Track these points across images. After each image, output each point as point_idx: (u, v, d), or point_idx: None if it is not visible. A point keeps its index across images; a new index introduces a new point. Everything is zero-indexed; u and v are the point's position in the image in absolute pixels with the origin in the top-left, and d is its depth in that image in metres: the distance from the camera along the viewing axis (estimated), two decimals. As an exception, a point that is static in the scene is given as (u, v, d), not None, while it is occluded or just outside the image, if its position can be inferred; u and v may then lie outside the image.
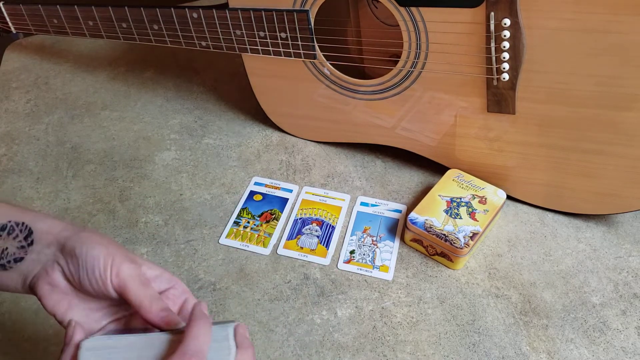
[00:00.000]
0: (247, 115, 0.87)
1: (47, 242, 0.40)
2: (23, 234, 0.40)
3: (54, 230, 0.41)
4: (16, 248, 0.40)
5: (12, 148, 0.82)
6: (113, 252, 0.39)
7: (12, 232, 0.40)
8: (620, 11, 0.52)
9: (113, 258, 0.39)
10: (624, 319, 0.59)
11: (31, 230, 0.40)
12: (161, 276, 0.43)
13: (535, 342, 0.57)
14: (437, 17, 0.59)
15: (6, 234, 0.40)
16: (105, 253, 0.39)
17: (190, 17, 0.71)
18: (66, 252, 0.39)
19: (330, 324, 0.59)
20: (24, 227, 0.41)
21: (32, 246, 0.40)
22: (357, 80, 0.70)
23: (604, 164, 0.62)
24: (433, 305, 0.61)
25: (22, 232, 0.40)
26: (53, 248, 0.40)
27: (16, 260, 0.40)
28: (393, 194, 0.74)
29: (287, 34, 0.68)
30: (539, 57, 0.58)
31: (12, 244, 0.40)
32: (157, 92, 0.93)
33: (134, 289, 0.39)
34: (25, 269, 0.40)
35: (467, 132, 0.68)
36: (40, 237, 0.40)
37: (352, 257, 0.66)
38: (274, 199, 0.73)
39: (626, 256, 0.65)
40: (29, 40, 1.05)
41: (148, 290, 0.39)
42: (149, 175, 0.77)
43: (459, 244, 0.62)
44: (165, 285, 0.43)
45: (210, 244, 0.68)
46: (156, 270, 0.42)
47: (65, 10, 0.78)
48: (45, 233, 0.40)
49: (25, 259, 0.40)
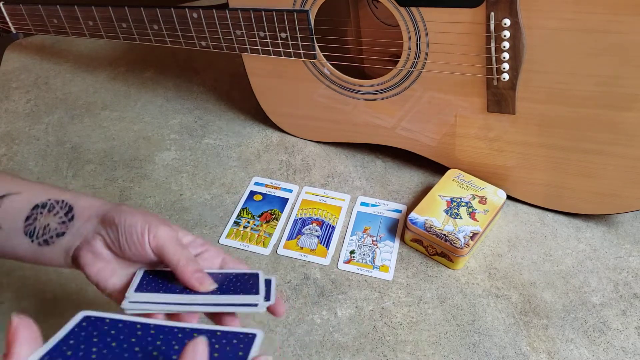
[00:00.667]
0: (247, 115, 0.87)
1: (87, 216, 0.42)
2: (64, 210, 0.42)
3: (94, 205, 0.43)
4: (57, 224, 0.42)
5: (12, 148, 0.82)
6: (150, 219, 0.42)
7: (53, 209, 0.42)
8: (620, 11, 0.52)
9: (150, 223, 0.41)
10: (624, 319, 0.59)
11: (71, 206, 0.43)
12: (195, 241, 0.45)
13: (535, 342, 0.57)
14: (437, 17, 0.59)
15: (47, 211, 0.42)
16: (142, 220, 0.41)
17: (190, 17, 0.71)
18: (106, 222, 0.41)
19: (331, 324, 0.59)
20: (64, 204, 0.43)
21: (73, 221, 0.42)
22: (357, 80, 0.70)
23: (604, 164, 0.62)
24: (433, 305, 0.61)
25: (62, 209, 0.42)
26: (94, 221, 0.42)
27: (58, 234, 0.42)
28: (393, 194, 0.74)
29: (287, 34, 0.68)
30: (539, 57, 0.58)
31: (53, 220, 0.42)
32: (157, 92, 0.93)
33: (171, 249, 0.41)
34: (67, 243, 0.42)
35: (467, 132, 0.68)
36: (80, 212, 0.42)
37: (352, 257, 0.66)
38: (274, 199, 0.73)
39: (626, 256, 0.65)
40: (29, 40, 1.05)
41: (185, 252, 0.41)
42: (149, 175, 0.77)
43: (459, 244, 0.62)
44: (199, 249, 0.45)
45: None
46: (190, 237, 0.45)
47: (65, 10, 0.78)
48: (86, 209, 0.43)
49: (66, 233, 0.42)
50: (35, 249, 0.42)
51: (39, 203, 0.42)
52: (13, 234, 0.42)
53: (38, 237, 0.42)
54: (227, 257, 0.46)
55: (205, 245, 0.46)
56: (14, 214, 0.42)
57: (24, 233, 0.42)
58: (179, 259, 0.41)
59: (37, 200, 0.43)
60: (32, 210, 0.42)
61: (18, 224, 0.42)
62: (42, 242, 0.42)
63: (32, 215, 0.42)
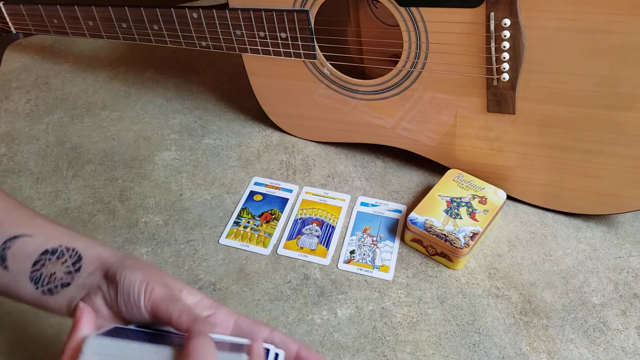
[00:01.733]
0: (247, 115, 0.87)
1: (93, 268, 0.41)
2: (72, 259, 0.41)
3: (102, 257, 0.41)
4: (64, 273, 0.41)
5: (12, 148, 0.82)
6: (149, 276, 0.39)
7: (62, 257, 0.41)
8: (620, 11, 0.52)
9: (148, 282, 0.39)
10: (624, 319, 0.59)
11: (80, 256, 0.41)
12: (201, 301, 0.42)
13: (535, 342, 0.57)
14: (437, 17, 0.59)
15: (55, 259, 0.41)
16: (141, 278, 0.39)
17: (190, 17, 0.71)
18: (109, 278, 0.40)
19: (331, 324, 0.59)
20: (74, 252, 0.41)
21: (79, 272, 0.41)
22: (357, 80, 0.70)
23: (604, 164, 0.62)
24: (433, 306, 0.61)
25: (71, 258, 0.41)
26: (98, 274, 0.41)
27: (63, 285, 0.41)
28: (393, 194, 0.74)
29: (287, 34, 0.68)
30: (539, 57, 0.58)
31: (60, 269, 0.41)
32: (157, 92, 0.93)
33: (164, 307, 0.39)
34: (71, 294, 0.41)
35: (467, 132, 0.68)
36: (87, 263, 0.41)
37: (352, 257, 0.66)
38: (274, 199, 0.73)
39: (626, 256, 0.65)
40: (29, 40, 1.05)
41: (177, 305, 0.39)
42: (149, 175, 0.77)
43: (459, 244, 0.62)
44: (206, 312, 0.42)
45: (210, 244, 0.68)
46: (196, 296, 0.42)
47: (65, 10, 0.78)
48: (94, 260, 0.41)
49: (71, 285, 0.41)
50: (39, 296, 0.41)
51: (49, 249, 0.41)
52: (19, 277, 0.41)
53: (43, 284, 0.41)
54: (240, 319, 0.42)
55: (214, 306, 0.42)
56: (23, 257, 0.41)
57: (30, 279, 0.41)
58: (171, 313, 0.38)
59: (48, 245, 0.41)
60: (41, 255, 0.41)
61: (25, 268, 0.41)
62: (46, 291, 0.41)
63: (40, 261, 0.41)
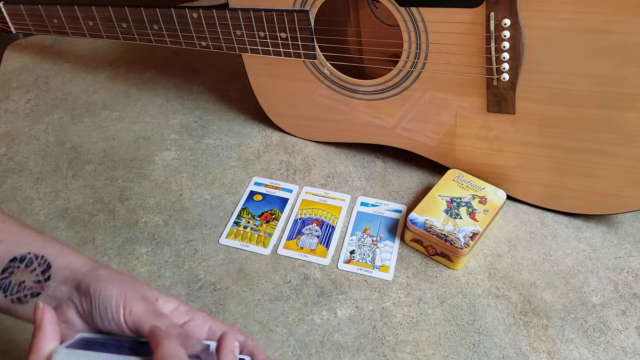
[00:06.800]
0: (247, 115, 0.87)
1: (63, 278, 0.40)
2: (41, 267, 0.40)
3: (73, 266, 0.40)
4: (33, 282, 0.40)
5: (12, 148, 0.82)
6: (126, 290, 0.39)
7: (30, 265, 0.40)
8: (620, 11, 0.52)
9: (125, 297, 0.38)
10: (624, 319, 0.59)
11: (49, 265, 0.40)
12: (178, 308, 0.42)
13: (535, 342, 0.57)
14: (437, 17, 0.59)
15: (24, 266, 0.40)
16: (117, 292, 0.38)
17: (190, 17, 0.71)
18: (81, 290, 0.39)
19: (330, 324, 0.59)
20: (42, 260, 0.40)
21: (49, 281, 0.39)
22: (357, 80, 0.70)
23: (604, 164, 0.62)
24: (433, 306, 0.61)
25: (40, 266, 0.40)
26: (69, 285, 0.39)
27: (33, 294, 0.39)
28: (393, 194, 0.74)
29: (287, 34, 0.68)
30: (539, 57, 0.58)
31: (29, 277, 0.40)
32: (157, 92, 0.93)
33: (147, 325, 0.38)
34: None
35: (467, 132, 0.68)
36: (57, 272, 0.40)
37: (352, 257, 0.66)
38: (274, 199, 0.73)
39: (626, 256, 0.65)
40: (29, 40, 1.05)
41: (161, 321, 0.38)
42: (149, 175, 0.77)
43: (459, 244, 0.62)
44: (183, 319, 0.41)
45: (210, 244, 0.68)
46: (172, 304, 0.42)
47: (65, 10, 0.78)
48: (64, 269, 0.40)
49: (41, 294, 0.39)
50: (8, 304, 0.40)
51: (18, 256, 0.40)
52: None
53: (12, 293, 0.40)
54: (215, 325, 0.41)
55: (190, 312, 0.42)
56: None
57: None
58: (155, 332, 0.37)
59: (17, 252, 0.40)
60: (9, 263, 0.40)
61: None
62: (15, 300, 0.40)
63: (8, 268, 0.40)
